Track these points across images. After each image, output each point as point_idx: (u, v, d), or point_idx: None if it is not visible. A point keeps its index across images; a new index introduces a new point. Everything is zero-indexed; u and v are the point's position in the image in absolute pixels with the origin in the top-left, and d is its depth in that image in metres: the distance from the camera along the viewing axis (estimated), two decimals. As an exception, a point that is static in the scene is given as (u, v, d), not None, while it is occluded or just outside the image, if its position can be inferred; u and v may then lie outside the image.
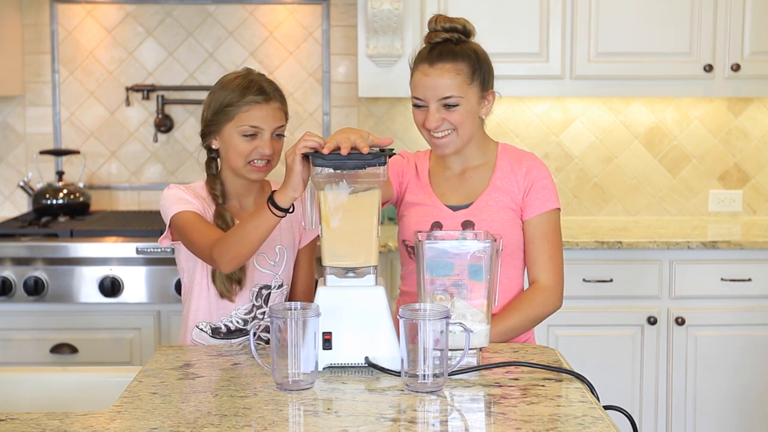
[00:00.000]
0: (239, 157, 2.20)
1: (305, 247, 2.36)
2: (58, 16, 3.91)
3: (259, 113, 2.19)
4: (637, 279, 3.43)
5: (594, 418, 1.59)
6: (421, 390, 1.72)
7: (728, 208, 4.02)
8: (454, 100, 2.14)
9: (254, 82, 2.21)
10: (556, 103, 3.96)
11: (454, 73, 2.14)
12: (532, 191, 2.21)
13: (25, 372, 2.06)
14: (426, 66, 2.16)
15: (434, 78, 2.14)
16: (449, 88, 2.13)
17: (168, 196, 2.22)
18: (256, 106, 2.19)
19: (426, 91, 2.15)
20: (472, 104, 2.17)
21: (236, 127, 2.19)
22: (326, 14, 3.93)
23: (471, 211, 2.21)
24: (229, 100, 2.20)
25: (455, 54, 2.15)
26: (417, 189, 2.28)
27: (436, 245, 1.84)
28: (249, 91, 2.19)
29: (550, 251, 2.21)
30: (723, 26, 3.61)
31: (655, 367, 3.44)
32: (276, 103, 2.22)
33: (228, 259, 2.05)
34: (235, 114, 2.19)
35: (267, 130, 2.20)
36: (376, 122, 3.95)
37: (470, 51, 2.17)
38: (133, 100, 3.95)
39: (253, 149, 2.19)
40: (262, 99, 2.20)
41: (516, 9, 3.59)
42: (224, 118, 2.20)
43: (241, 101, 2.19)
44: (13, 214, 3.93)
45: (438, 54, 2.15)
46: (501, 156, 2.26)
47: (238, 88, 2.20)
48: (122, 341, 3.33)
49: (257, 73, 2.28)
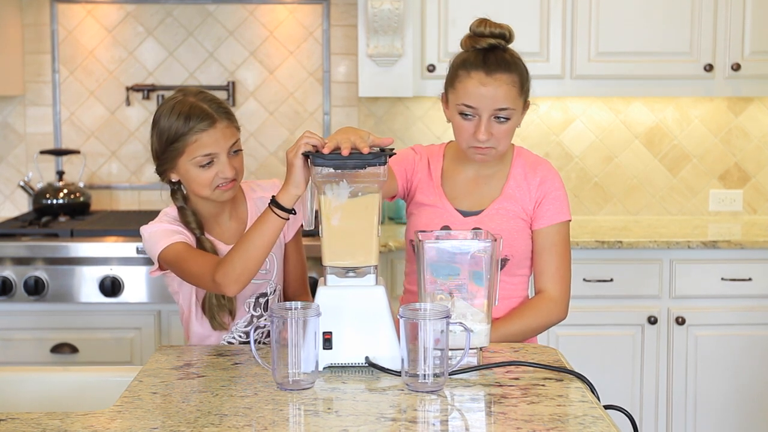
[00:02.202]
0: (203, 188, 2.10)
1: (291, 240, 2.30)
2: (58, 16, 3.91)
3: (208, 140, 2.07)
4: (638, 279, 3.43)
5: (594, 417, 1.59)
6: (421, 390, 1.72)
7: (728, 208, 4.02)
8: (507, 112, 2.09)
9: (194, 107, 2.08)
10: (556, 102, 3.96)
11: (510, 84, 2.08)
12: (544, 202, 2.19)
13: (25, 372, 2.05)
14: (482, 75, 2.08)
15: (493, 89, 2.07)
16: (505, 100, 2.08)
17: (151, 234, 2.12)
18: (203, 133, 2.06)
19: (481, 101, 2.08)
20: (519, 116, 2.13)
21: (190, 160, 2.07)
22: (326, 14, 3.93)
23: (481, 218, 2.20)
24: (174, 132, 2.07)
25: (509, 64, 2.10)
26: (428, 189, 2.25)
27: (437, 245, 1.84)
28: (191, 119, 2.06)
29: (558, 263, 2.20)
30: (723, 26, 3.61)
31: (656, 367, 3.44)
32: (223, 123, 2.09)
33: (234, 279, 1.96)
34: (185, 147, 2.07)
35: (222, 152, 2.08)
36: (377, 122, 3.95)
37: (520, 61, 2.13)
38: (134, 100, 3.95)
39: (213, 176, 2.08)
40: (208, 125, 2.07)
41: (516, 8, 3.59)
42: (175, 154, 2.08)
43: (187, 133, 2.06)
44: (13, 214, 3.93)
45: (495, 63, 2.09)
46: (516, 163, 2.24)
47: (180, 117, 2.07)
48: (122, 341, 3.33)
49: (194, 92, 2.14)
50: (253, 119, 3.94)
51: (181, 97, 2.12)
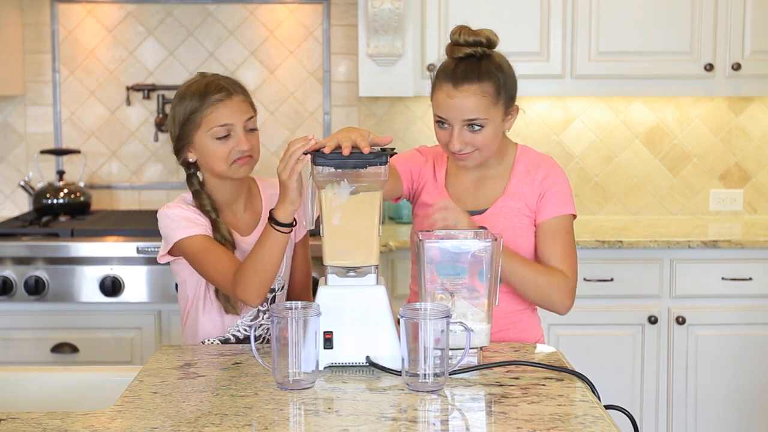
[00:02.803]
0: (220, 161, 2.15)
1: (300, 241, 2.33)
2: (58, 16, 3.91)
3: (225, 110, 2.13)
4: (638, 278, 3.43)
5: (595, 417, 1.59)
6: (421, 389, 1.72)
7: (729, 208, 4.02)
8: (479, 122, 2.08)
9: (211, 83, 2.15)
10: (556, 102, 3.96)
11: (480, 95, 2.07)
12: (547, 195, 2.18)
13: (26, 371, 2.05)
14: (450, 87, 2.07)
15: (459, 100, 2.06)
16: (474, 111, 2.07)
17: (170, 215, 2.16)
18: (220, 104, 2.13)
19: (450, 112, 2.08)
20: (497, 124, 2.11)
21: (207, 132, 2.13)
22: (327, 14, 3.93)
23: (485, 217, 2.19)
24: (192, 107, 2.13)
25: (480, 74, 2.07)
26: (433, 190, 2.26)
27: (438, 245, 1.84)
28: (209, 93, 2.13)
29: (563, 250, 2.16)
30: (724, 25, 3.61)
31: (656, 367, 3.44)
32: (239, 96, 2.16)
33: (255, 294, 2.04)
34: (202, 119, 2.13)
35: (238, 125, 2.14)
36: (377, 121, 3.95)
37: (495, 68, 2.09)
38: (134, 100, 3.95)
39: (230, 150, 2.13)
40: (224, 95, 2.13)
41: (516, 8, 3.59)
42: (192, 127, 2.14)
43: (204, 104, 2.12)
44: (13, 214, 3.93)
45: (463, 74, 2.07)
46: (519, 161, 2.23)
47: (197, 93, 2.14)
48: (123, 341, 3.33)
49: (212, 74, 2.22)
50: (254, 119, 3.94)
51: (200, 77, 2.21)
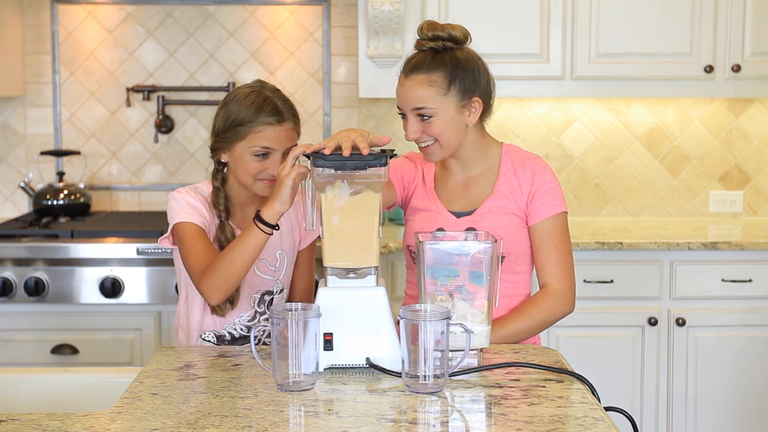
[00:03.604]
0: (248, 176, 2.16)
1: (305, 249, 2.34)
2: (58, 17, 3.91)
3: (272, 134, 2.13)
4: (638, 280, 3.43)
5: (595, 419, 1.59)
6: (421, 391, 1.72)
7: (729, 209, 4.02)
8: (427, 111, 2.12)
9: (268, 101, 2.15)
10: (556, 103, 3.96)
11: (426, 84, 2.12)
12: (537, 196, 2.19)
13: (25, 373, 2.05)
14: (402, 76, 2.16)
15: (408, 89, 2.13)
16: (421, 100, 2.12)
17: (177, 198, 2.18)
18: (269, 127, 2.13)
19: (402, 101, 2.16)
20: (450, 114, 2.14)
21: (248, 147, 2.14)
22: (327, 15, 3.93)
23: (474, 218, 2.20)
24: (242, 118, 2.13)
25: (429, 65, 2.12)
26: (422, 195, 2.27)
27: (437, 246, 1.84)
28: (263, 111, 2.13)
29: (558, 256, 2.19)
30: (723, 27, 3.61)
31: (656, 368, 3.44)
32: (289, 124, 2.16)
33: (216, 289, 2.03)
34: (248, 134, 2.13)
35: (279, 150, 2.14)
36: (377, 123, 3.95)
37: (449, 60, 2.13)
38: (134, 101, 3.95)
39: (262, 170, 2.15)
40: (276, 120, 2.14)
41: (516, 10, 3.59)
42: (236, 137, 2.15)
43: (255, 121, 2.13)
44: (13, 215, 3.93)
45: (414, 65, 2.14)
46: (505, 160, 2.24)
47: (252, 106, 2.14)
48: (123, 342, 3.33)
49: (271, 87, 2.21)
50: (254, 120, 3.94)
51: (259, 87, 2.20)
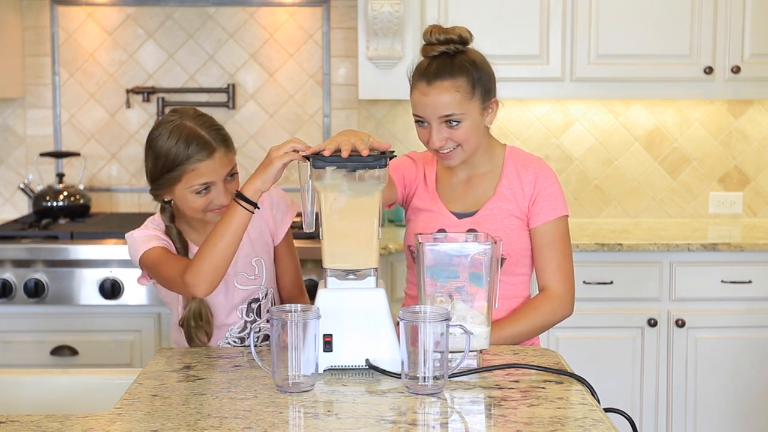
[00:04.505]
0: (196, 212, 2.10)
1: (281, 243, 2.28)
2: (58, 18, 3.91)
3: (206, 169, 2.05)
4: (638, 281, 3.43)
5: (594, 420, 1.59)
6: (421, 392, 1.72)
7: (728, 210, 4.02)
8: (456, 117, 2.09)
9: (192, 135, 2.05)
10: (556, 105, 3.97)
11: (453, 90, 2.08)
12: (539, 199, 2.19)
13: (25, 374, 2.05)
14: (424, 84, 2.10)
15: (433, 97, 2.08)
16: (449, 107, 2.09)
17: (133, 236, 2.13)
18: (201, 163, 2.04)
19: (426, 110, 2.11)
20: (475, 118, 2.12)
21: (186, 188, 2.06)
22: (326, 16, 3.93)
23: (476, 219, 2.20)
24: (172, 161, 2.04)
25: (453, 70, 2.09)
26: (424, 195, 2.27)
27: (436, 248, 1.84)
28: (190, 148, 2.03)
29: (559, 259, 2.19)
30: (723, 28, 3.61)
31: (656, 370, 3.44)
32: (221, 151, 2.07)
33: (202, 278, 1.97)
34: (182, 176, 2.05)
35: (219, 181, 2.07)
36: (377, 124, 3.96)
37: (468, 63, 2.11)
38: (134, 102, 3.95)
39: (208, 203, 2.08)
40: (206, 155, 2.04)
41: (516, 11, 3.59)
42: (171, 181, 2.07)
43: (185, 162, 2.04)
44: (13, 216, 3.93)
45: (435, 71, 2.09)
46: (508, 162, 2.23)
47: (176, 145, 2.04)
48: (122, 343, 3.33)
49: (191, 114, 2.10)
50: (253, 122, 3.94)
51: (179, 120, 2.08)
